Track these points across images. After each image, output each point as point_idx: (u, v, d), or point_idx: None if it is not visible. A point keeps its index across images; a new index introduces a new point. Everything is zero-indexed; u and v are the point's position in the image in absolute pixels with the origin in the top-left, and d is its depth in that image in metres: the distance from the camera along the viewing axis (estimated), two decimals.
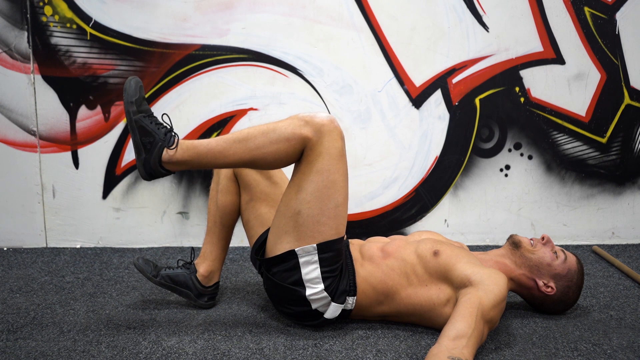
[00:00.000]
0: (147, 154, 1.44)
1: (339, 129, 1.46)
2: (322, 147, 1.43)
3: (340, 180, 1.47)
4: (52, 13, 2.25)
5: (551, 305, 1.65)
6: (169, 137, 1.45)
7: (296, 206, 1.47)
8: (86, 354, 1.42)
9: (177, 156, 1.43)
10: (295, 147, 1.43)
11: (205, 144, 1.44)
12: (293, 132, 1.41)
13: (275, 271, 1.52)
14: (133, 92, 1.44)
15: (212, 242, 1.73)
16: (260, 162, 1.45)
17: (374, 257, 1.58)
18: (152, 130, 1.44)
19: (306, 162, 1.45)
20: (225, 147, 1.43)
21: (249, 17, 2.29)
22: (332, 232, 1.48)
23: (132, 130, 1.45)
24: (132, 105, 1.43)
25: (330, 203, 1.46)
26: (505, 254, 1.65)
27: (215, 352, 1.43)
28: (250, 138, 1.43)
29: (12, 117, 2.31)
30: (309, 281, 1.49)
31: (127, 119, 1.45)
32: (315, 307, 1.52)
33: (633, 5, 2.34)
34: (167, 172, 1.47)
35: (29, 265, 2.17)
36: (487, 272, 1.45)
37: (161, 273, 1.70)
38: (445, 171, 2.43)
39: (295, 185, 1.48)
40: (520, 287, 1.64)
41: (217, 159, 1.43)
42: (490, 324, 1.38)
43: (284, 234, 1.49)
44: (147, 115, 1.45)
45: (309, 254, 1.48)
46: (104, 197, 2.38)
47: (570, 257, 1.63)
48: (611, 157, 2.44)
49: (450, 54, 2.35)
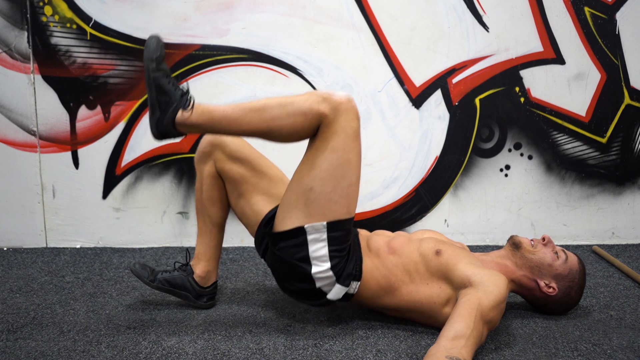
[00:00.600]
0: (161, 113, 1.43)
1: (355, 108, 1.44)
2: (338, 125, 1.41)
3: (354, 160, 1.45)
4: (52, 13, 2.25)
5: (553, 306, 1.64)
6: (185, 99, 1.44)
7: (308, 182, 1.45)
8: (86, 354, 1.42)
9: (191, 119, 1.43)
10: (311, 123, 1.41)
11: (221, 110, 1.43)
12: (310, 107, 1.40)
13: (282, 246, 1.50)
14: (154, 49, 1.42)
15: (205, 242, 1.73)
16: (274, 134, 1.44)
17: (380, 251, 1.58)
18: (169, 90, 1.43)
19: (321, 139, 1.44)
20: (241, 115, 1.42)
21: (249, 17, 2.29)
22: (343, 211, 1.47)
23: (149, 87, 1.43)
24: (152, 63, 1.42)
25: (344, 182, 1.45)
26: (506, 255, 1.64)
27: (215, 352, 1.43)
28: (267, 108, 1.41)
29: (12, 117, 2.31)
30: (315, 259, 1.47)
31: (146, 76, 1.43)
32: (319, 286, 1.50)
33: (633, 5, 2.34)
34: (179, 133, 1.46)
35: (29, 265, 2.17)
36: (488, 274, 1.45)
37: (158, 277, 1.70)
38: (445, 171, 2.43)
39: (309, 162, 1.46)
40: (521, 289, 1.64)
41: (231, 126, 1.43)
42: (489, 325, 1.38)
43: (294, 210, 1.47)
44: (165, 74, 1.44)
45: (318, 232, 1.46)
46: (104, 197, 2.38)
47: (571, 257, 1.63)
48: (611, 157, 2.44)
49: (450, 54, 2.35)
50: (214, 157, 1.66)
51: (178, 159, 2.37)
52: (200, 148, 1.69)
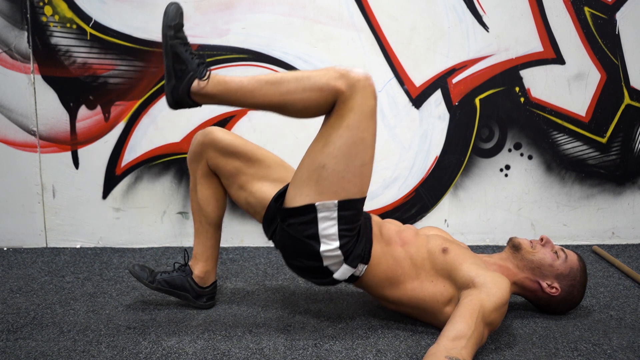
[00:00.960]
0: (177, 82, 1.43)
1: (373, 87, 1.42)
2: (354, 103, 1.39)
3: (369, 139, 1.43)
4: (52, 13, 2.25)
5: (557, 306, 1.64)
6: (202, 68, 1.43)
7: (322, 160, 1.43)
8: (86, 354, 1.42)
9: (207, 89, 1.42)
10: (327, 99, 1.40)
11: (237, 81, 1.42)
12: (327, 82, 1.38)
13: (291, 222, 1.48)
14: (173, 16, 1.42)
15: (202, 242, 1.72)
16: (289, 108, 1.43)
17: (391, 241, 1.57)
18: (186, 58, 1.42)
19: (336, 116, 1.42)
20: (256, 87, 1.41)
21: (249, 17, 2.29)
22: (356, 190, 1.45)
23: (165, 55, 1.43)
24: (171, 30, 1.41)
25: (357, 160, 1.43)
26: (507, 258, 1.64)
27: (215, 352, 1.43)
28: (283, 82, 1.40)
29: (12, 117, 2.31)
30: (325, 237, 1.46)
31: (163, 43, 1.43)
32: (326, 264, 1.49)
33: (633, 5, 2.34)
34: (194, 103, 1.46)
35: (29, 265, 2.17)
36: (491, 276, 1.45)
37: (157, 278, 1.69)
38: (445, 171, 2.43)
39: (323, 139, 1.44)
40: (524, 290, 1.63)
41: (246, 97, 1.42)
42: (490, 326, 1.38)
43: (306, 187, 1.45)
44: (183, 42, 1.43)
45: (328, 210, 1.44)
46: (104, 197, 2.38)
47: (571, 255, 1.63)
48: (611, 157, 2.44)
49: (450, 54, 2.35)
50: (206, 156, 1.66)
51: (178, 159, 2.37)
52: (192, 149, 1.68)
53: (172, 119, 2.33)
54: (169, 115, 2.33)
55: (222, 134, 1.65)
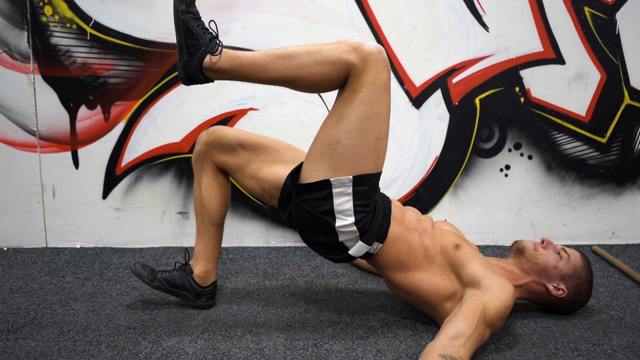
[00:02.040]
0: (189, 57, 1.42)
1: (386, 60, 1.40)
2: (367, 77, 1.37)
3: (383, 113, 1.42)
4: (52, 13, 2.25)
5: (566, 306, 1.65)
6: (214, 43, 1.42)
7: (336, 135, 1.41)
8: (86, 354, 1.42)
9: (219, 64, 1.42)
10: (340, 72, 1.38)
11: (249, 56, 1.41)
12: (339, 56, 1.36)
13: (306, 198, 1.47)
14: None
15: (203, 242, 1.73)
16: (301, 82, 1.41)
17: (411, 227, 1.56)
18: (198, 33, 1.42)
19: (350, 90, 1.40)
20: (268, 61, 1.40)
21: (249, 17, 2.29)
22: (371, 165, 1.44)
23: (177, 29, 1.42)
24: (182, 4, 1.41)
25: (371, 135, 1.41)
26: (513, 262, 1.65)
27: (215, 352, 1.43)
28: (295, 56, 1.39)
29: (12, 117, 2.31)
30: (340, 212, 1.45)
31: (175, 18, 1.42)
32: (341, 240, 1.48)
33: (633, 5, 2.34)
34: (207, 79, 1.45)
35: (29, 265, 2.17)
36: (498, 280, 1.45)
37: (158, 277, 1.70)
38: (445, 171, 2.43)
39: (337, 114, 1.42)
40: (531, 294, 1.63)
41: (259, 72, 1.41)
42: (491, 328, 1.38)
43: (320, 162, 1.44)
44: (195, 17, 1.43)
45: (343, 185, 1.43)
46: (104, 197, 2.38)
47: (573, 254, 1.63)
48: (611, 157, 2.44)
49: (450, 54, 2.35)
50: (211, 155, 1.66)
51: (178, 159, 2.37)
52: (197, 149, 1.69)
53: (172, 119, 2.33)
54: (169, 115, 2.33)
55: (225, 130, 1.66)
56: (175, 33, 1.44)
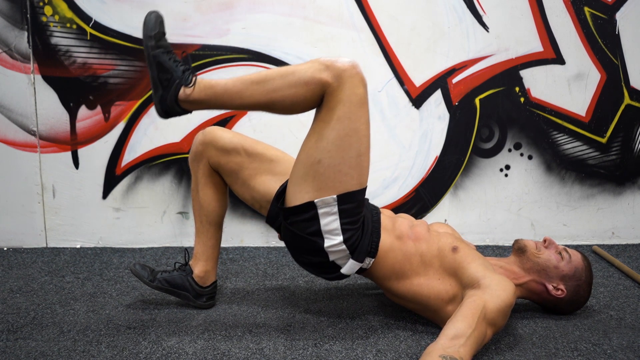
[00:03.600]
0: (164, 91, 1.42)
1: (360, 74, 1.39)
2: (342, 94, 1.37)
3: (362, 129, 1.41)
4: (52, 13, 2.25)
5: (565, 307, 1.64)
6: (187, 75, 1.42)
7: (316, 155, 1.41)
8: (86, 354, 1.42)
9: (194, 95, 1.41)
10: (314, 92, 1.37)
11: (222, 84, 1.41)
12: (312, 76, 1.36)
13: (293, 221, 1.48)
14: (153, 26, 1.41)
15: (202, 242, 1.72)
16: (277, 106, 1.41)
17: (404, 235, 1.56)
18: (170, 67, 1.41)
19: (326, 109, 1.39)
20: (242, 88, 1.40)
21: (249, 17, 2.29)
22: (354, 182, 1.43)
23: (149, 65, 1.42)
24: (151, 40, 1.40)
25: (352, 152, 1.41)
26: (513, 261, 1.65)
27: (215, 352, 1.43)
28: (269, 80, 1.39)
29: (12, 117, 2.31)
30: (327, 232, 1.45)
31: (146, 54, 1.42)
32: (332, 259, 1.48)
33: (633, 5, 2.34)
34: (184, 110, 1.45)
35: (29, 265, 2.17)
36: (497, 278, 1.45)
37: (158, 277, 1.70)
38: (445, 171, 2.43)
39: (316, 134, 1.42)
40: (531, 294, 1.63)
41: (234, 99, 1.41)
42: (494, 327, 1.37)
43: (303, 183, 1.44)
44: (166, 51, 1.42)
45: (328, 205, 1.43)
46: (104, 197, 2.38)
47: (574, 255, 1.62)
48: (611, 157, 2.44)
49: (450, 54, 2.35)
50: (207, 155, 1.66)
51: (178, 159, 2.37)
52: (193, 148, 1.69)
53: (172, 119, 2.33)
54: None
55: (222, 132, 1.65)
56: (148, 69, 1.43)
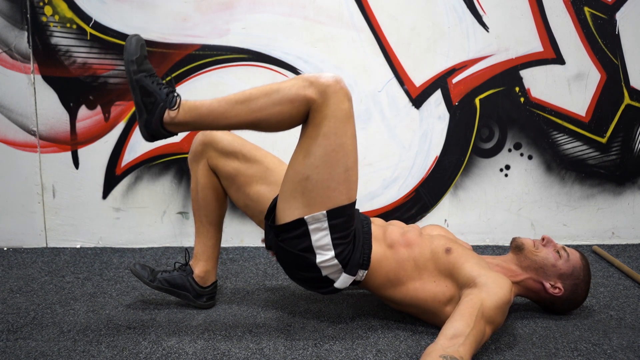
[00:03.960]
0: (149, 115, 1.41)
1: (345, 89, 1.39)
2: (328, 109, 1.37)
3: (349, 144, 1.41)
4: (52, 13, 2.25)
5: (562, 306, 1.64)
6: (171, 97, 1.41)
7: (304, 171, 1.42)
8: (86, 354, 1.42)
9: (178, 117, 1.41)
10: (299, 109, 1.38)
11: (207, 105, 1.41)
12: (297, 93, 1.36)
13: (284, 238, 1.48)
14: (134, 50, 1.40)
15: (202, 242, 1.73)
16: (263, 124, 1.41)
17: (395, 243, 1.56)
18: (154, 90, 1.41)
19: (312, 125, 1.40)
20: (227, 108, 1.39)
21: (249, 17, 2.29)
22: (343, 197, 1.44)
23: (132, 90, 1.41)
24: (133, 64, 1.40)
25: (340, 167, 1.41)
26: (511, 259, 1.64)
27: (215, 352, 1.43)
28: (253, 99, 1.38)
29: (12, 117, 2.31)
30: (319, 248, 1.46)
31: (128, 79, 1.41)
32: (325, 274, 1.49)
33: (633, 5, 2.34)
34: (169, 133, 1.44)
35: (29, 265, 2.17)
36: (493, 276, 1.45)
37: (158, 277, 1.70)
38: (445, 171, 2.43)
39: (303, 150, 1.43)
40: (528, 291, 1.63)
41: (219, 120, 1.40)
42: (492, 325, 1.37)
43: (293, 200, 1.45)
44: (148, 74, 1.42)
45: (318, 221, 1.43)
46: (104, 197, 2.38)
47: (573, 254, 1.62)
48: (611, 157, 2.44)
49: (450, 54, 2.35)
50: (207, 155, 1.66)
51: (178, 159, 2.37)
52: (193, 148, 1.69)
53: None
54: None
55: (222, 134, 1.65)
56: (132, 93, 1.43)
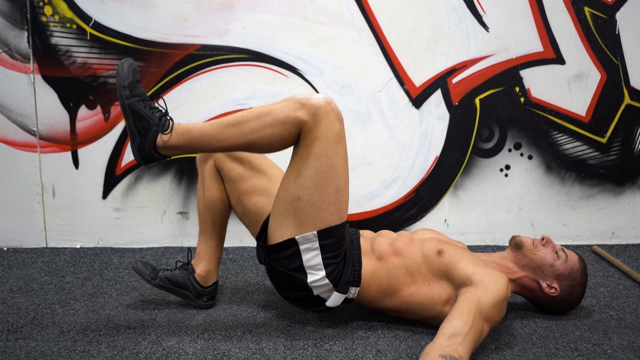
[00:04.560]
0: (142, 139, 1.42)
1: (336, 110, 1.41)
2: (318, 131, 1.39)
3: (339, 164, 1.43)
4: (52, 13, 2.25)
5: (557, 306, 1.64)
6: (164, 121, 1.42)
7: (295, 192, 1.43)
8: (86, 354, 1.42)
9: (171, 141, 1.41)
10: (291, 131, 1.39)
11: (199, 128, 1.41)
12: (288, 115, 1.38)
13: (276, 258, 1.50)
14: (126, 75, 1.41)
15: (206, 242, 1.73)
16: (256, 146, 1.42)
17: (383, 254, 1.57)
18: (146, 114, 1.41)
19: (303, 146, 1.41)
20: (219, 131, 1.40)
21: (249, 17, 2.29)
22: (333, 217, 1.45)
23: (125, 115, 1.42)
24: (125, 90, 1.40)
25: (330, 188, 1.43)
26: (508, 257, 1.64)
27: (215, 352, 1.43)
28: (245, 122, 1.39)
29: (12, 117, 2.31)
30: (310, 268, 1.47)
31: (120, 104, 1.42)
32: (317, 294, 1.50)
33: (633, 5, 2.34)
34: (163, 156, 1.45)
35: (29, 265, 2.17)
36: (488, 273, 1.45)
37: (159, 275, 1.70)
38: (445, 171, 2.43)
39: (294, 171, 1.44)
40: (523, 289, 1.63)
41: (212, 143, 1.41)
42: (490, 322, 1.37)
43: (284, 220, 1.46)
44: (141, 99, 1.42)
45: (309, 241, 1.45)
46: (104, 197, 2.38)
47: (571, 256, 1.63)
48: (611, 157, 2.44)
49: (450, 54, 2.35)
50: (214, 156, 1.67)
51: (178, 159, 2.37)
52: None
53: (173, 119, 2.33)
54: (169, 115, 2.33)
55: None
56: (124, 118, 1.43)
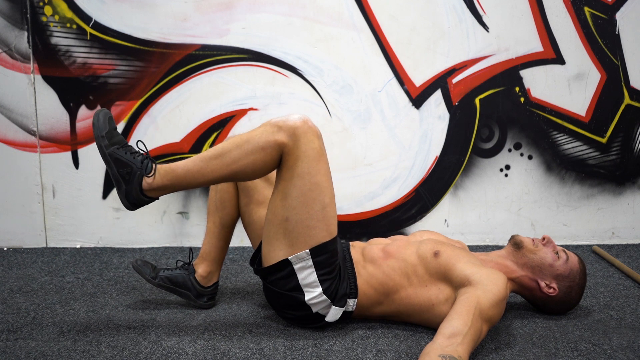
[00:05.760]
0: (127, 185, 1.43)
1: (313, 128, 1.44)
2: (299, 151, 1.41)
3: (323, 181, 1.45)
4: (52, 13, 2.25)
5: (554, 306, 1.64)
6: (146, 164, 1.43)
7: (283, 213, 1.46)
8: (86, 354, 1.42)
9: (156, 183, 1.43)
10: (272, 155, 1.42)
11: (182, 165, 1.43)
12: (267, 139, 1.41)
13: (271, 280, 1.53)
14: (102, 125, 1.42)
15: (212, 243, 1.73)
16: (240, 175, 1.44)
17: (375, 258, 1.58)
18: (128, 160, 1.43)
19: (286, 168, 1.44)
20: (202, 166, 1.42)
21: (249, 17, 2.29)
22: (323, 234, 1.47)
23: (107, 164, 1.43)
24: (104, 140, 1.42)
25: (317, 205, 1.45)
26: (507, 255, 1.64)
27: (215, 352, 1.43)
28: (225, 153, 1.41)
29: (12, 117, 2.31)
30: (306, 286, 1.49)
31: (101, 154, 1.43)
32: (315, 311, 1.51)
33: (633, 5, 2.34)
34: (150, 199, 1.46)
35: (29, 265, 2.17)
36: (487, 272, 1.45)
37: (160, 274, 1.70)
38: (445, 171, 2.43)
39: (280, 192, 1.47)
40: (522, 289, 1.63)
41: (197, 178, 1.43)
42: (489, 322, 1.37)
43: (276, 242, 1.49)
44: (121, 146, 1.44)
45: (302, 260, 1.47)
46: (104, 197, 2.38)
47: (572, 257, 1.63)
48: (611, 157, 2.44)
49: (450, 54, 2.35)
50: None
51: (178, 159, 2.37)
52: None
53: (172, 119, 2.33)
54: (169, 115, 2.33)
55: None
56: (107, 167, 1.44)
